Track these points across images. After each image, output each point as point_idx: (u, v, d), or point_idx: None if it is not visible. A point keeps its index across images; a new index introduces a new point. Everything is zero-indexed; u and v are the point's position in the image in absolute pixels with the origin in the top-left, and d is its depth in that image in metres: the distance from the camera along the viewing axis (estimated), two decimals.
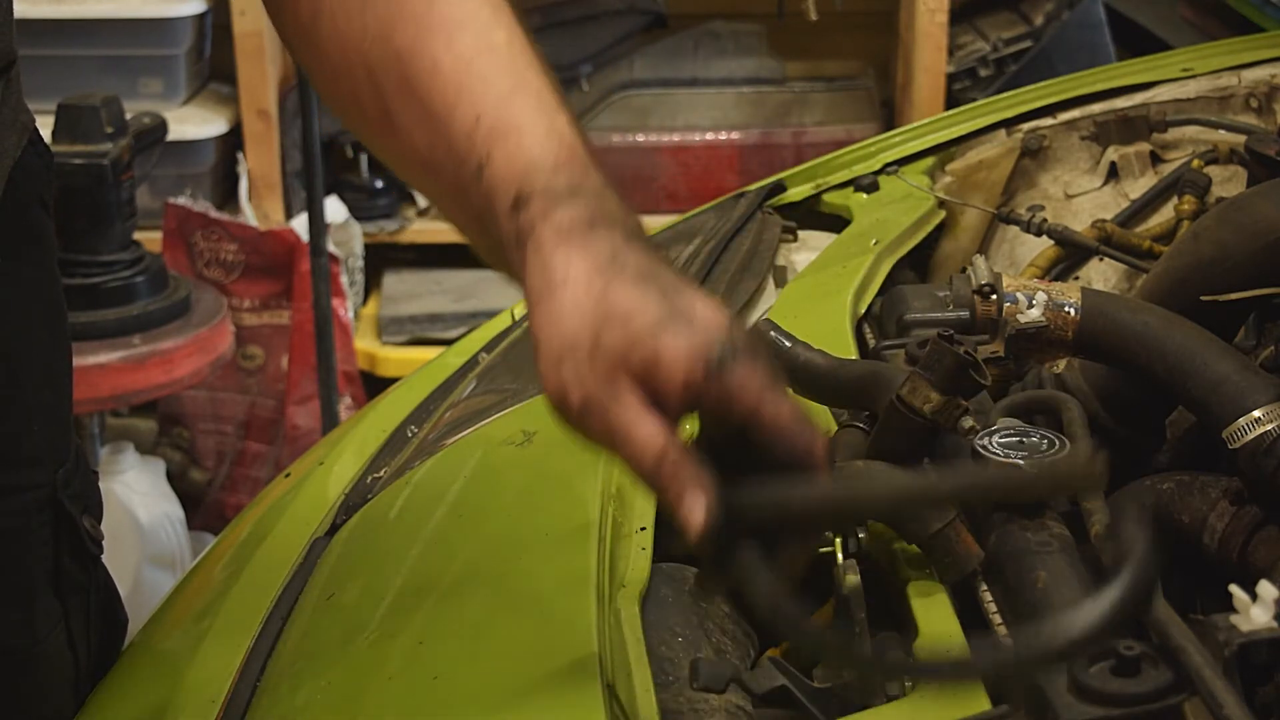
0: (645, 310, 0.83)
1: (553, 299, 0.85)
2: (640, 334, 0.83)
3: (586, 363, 0.83)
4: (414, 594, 1.13)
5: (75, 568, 1.27)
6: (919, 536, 0.99)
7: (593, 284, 0.84)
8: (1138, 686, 0.78)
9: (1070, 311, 1.15)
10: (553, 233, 0.87)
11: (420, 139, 0.98)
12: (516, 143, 0.92)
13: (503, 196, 0.90)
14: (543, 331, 0.85)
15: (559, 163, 0.91)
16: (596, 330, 0.83)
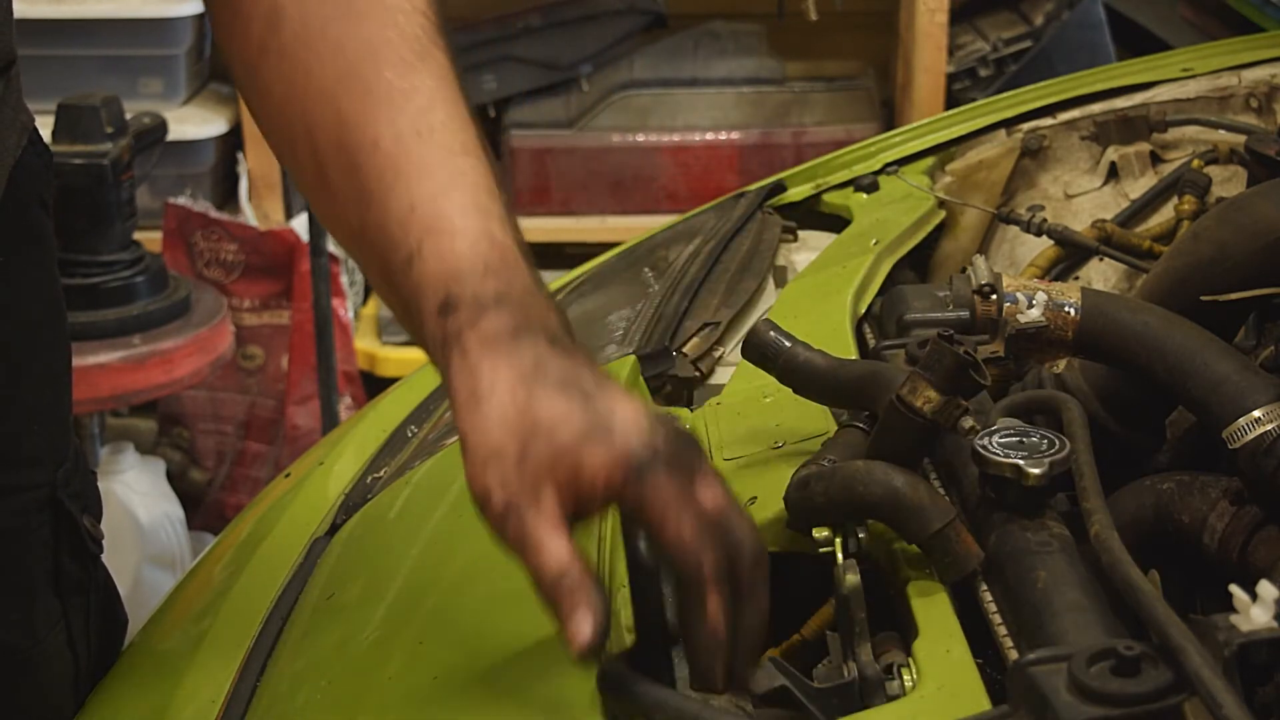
0: (569, 421, 0.87)
1: (478, 408, 0.89)
2: (564, 445, 0.87)
3: (513, 470, 0.87)
4: (414, 594, 1.13)
5: (75, 567, 1.27)
6: (919, 536, 0.99)
7: (517, 394, 0.88)
8: (1138, 686, 0.78)
9: (1070, 311, 1.15)
10: (478, 342, 0.90)
11: (352, 213, 0.98)
12: (449, 243, 0.93)
13: (430, 296, 0.92)
14: (470, 437, 0.89)
15: (489, 267, 0.93)
16: (523, 441, 0.87)
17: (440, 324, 0.92)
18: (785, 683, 0.94)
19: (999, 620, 0.96)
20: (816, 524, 1.03)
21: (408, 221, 0.94)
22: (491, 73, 3.41)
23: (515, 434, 0.88)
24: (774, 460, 1.19)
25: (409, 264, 0.93)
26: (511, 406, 0.88)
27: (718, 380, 1.42)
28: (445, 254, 0.93)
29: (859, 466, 1.03)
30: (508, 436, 0.88)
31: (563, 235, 3.43)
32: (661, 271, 1.69)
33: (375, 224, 0.96)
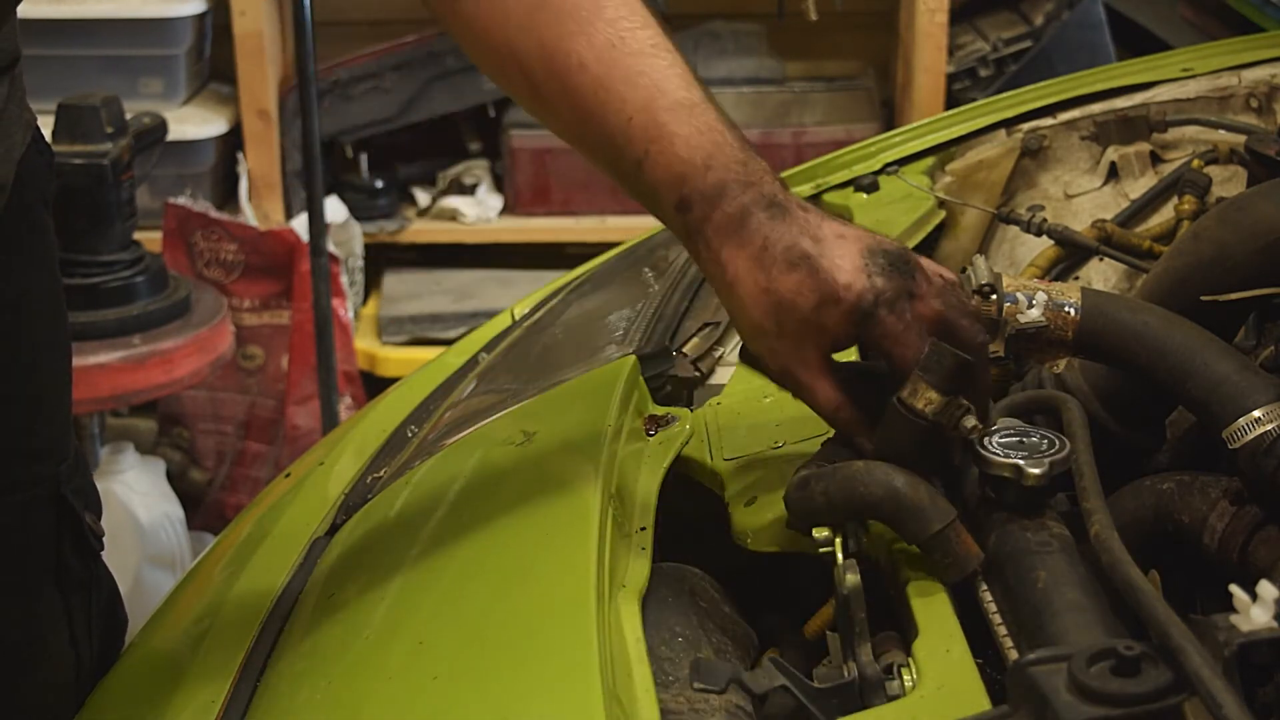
0: (802, 293, 1.04)
1: (733, 293, 1.07)
2: (806, 314, 1.04)
3: (776, 341, 1.06)
4: (414, 594, 1.13)
5: (77, 564, 1.27)
6: (919, 537, 0.99)
7: (758, 278, 1.05)
8: (1138, 686, 0.78)
9: (1070, 311, 1.15)
10: (715, 233, 1.07)
11: (571, 123, 1.11)
12: (669, 148, 1.07)
13: (666, 196, 1.08)
14: (735, 317, 1.09)
15: (707, 161, 1.07)
16: (776, 316, 1.05)
17: (681, 220, 1.08)
18: (785, 683, 0.94)
19: (999, 620, 0.96)
20: (816, 524, 1.03)
21: (628, 131, 1.07)
22: None
23: (767, 312, 1.05)
24: (774, 460, 1.20)
25: (639, 167, 1.08)
26: (756, 288, 1.05)
27: (718, 380, 1.42)
28: (669, 159, 1.07)
29: (859, 466, 1.03)
30: (762, 315, 1.05)
31: (563, 235, 3.44)
32: (661, 271, 1.69)
33: (597, 136, 1.09)
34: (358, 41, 3.44)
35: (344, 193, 3.41)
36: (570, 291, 1.81)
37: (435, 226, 3.48)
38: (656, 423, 1.30)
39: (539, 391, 1.42)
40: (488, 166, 3.54)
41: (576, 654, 0.96)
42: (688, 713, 0.96)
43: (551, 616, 1.02)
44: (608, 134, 1.08)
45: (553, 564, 1.09)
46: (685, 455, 1.25)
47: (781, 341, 1.06)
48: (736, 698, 0.97)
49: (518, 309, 1.82)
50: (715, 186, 1.07)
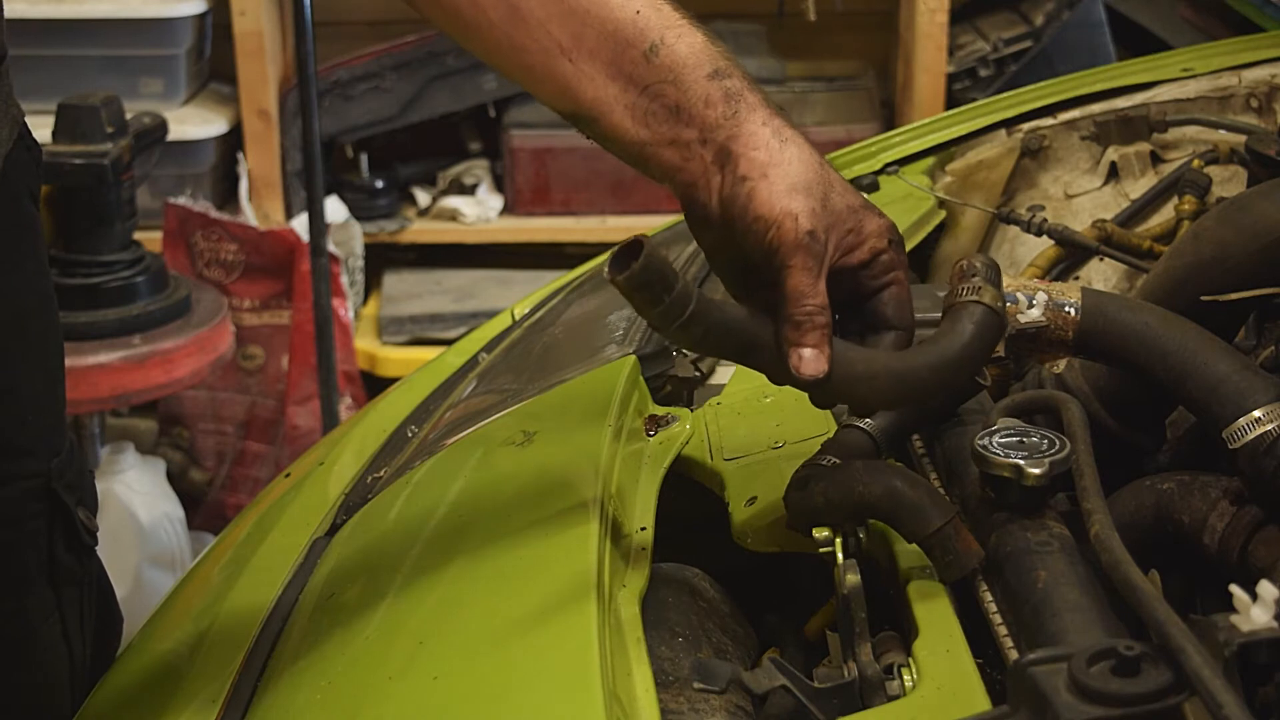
0: (854, 194, 1.05)
1: (784, 149, 1.03)
2: (854, 206, 1.05)
3: (820, 207, 1.02)
4: (414, 594, 1.13)
5: (70, 558, 1.27)
6: (919, 535, 0.99)
7: (813, 154, 1.04)
8: (1138, 686, 0.78)
9: (1070, 311, 1.15)
10: (760, 101, 1.05)
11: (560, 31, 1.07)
12: (688, 35, 1.05)
13: (694, 69, 1.04)
14: (774, 169, 1.02)
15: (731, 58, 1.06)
16: (825, 190, 1.03)
17: (718, 84, 1.04)
18: (785, 683, 0.95)
19: (999, 620, 0.96)
20: (816, 524, 1.03)
21: (637, 22, 1.05)
22: (491, 73, 3.40)
23: (819, 180, 1.03)
24: (774, 460, 1.20)
25: (652, 53, 1.05)
26: (813, 160, 1.04)
27: (718, 380, 1.42)
28: (690, 41, 1.05)
29: (859, 466, 1.03)
30: (815, 180, 1.03)
31: (563, 235, 3.44)
32: None
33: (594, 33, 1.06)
34: (358, 41, 3.44)
35: (344, 193, 3.41)
36: (570, 291, 1.81)
37: (435, 226, 3.48)
38: (656, 423, 1.30)
39: (539, 391, 1.42)
40: (488, 166, 3.54)
41: (576, 654, 0.96)
42: (688, 713, 0.96)
43: (551, 616, 1.02)
44: (610, 30, 1.05)
45: (553, 564, 1.09)
46: (685, 455, 1.25)
47: (824, 210, 1.02)
48: (736, 698, 0.97)
49: (518, 309, 1.82)
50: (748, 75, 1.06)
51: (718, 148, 1.03)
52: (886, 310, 1.06)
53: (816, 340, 1.00)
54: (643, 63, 1.05)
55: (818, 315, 1.00)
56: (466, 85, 3.42)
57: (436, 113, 3.45)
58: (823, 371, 1.00)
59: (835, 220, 1.03)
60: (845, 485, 1.02)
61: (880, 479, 1.01)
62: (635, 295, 0.95)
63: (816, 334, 1.00)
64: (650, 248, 0.94)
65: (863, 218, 1.05)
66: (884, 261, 1.06)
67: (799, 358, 1.00)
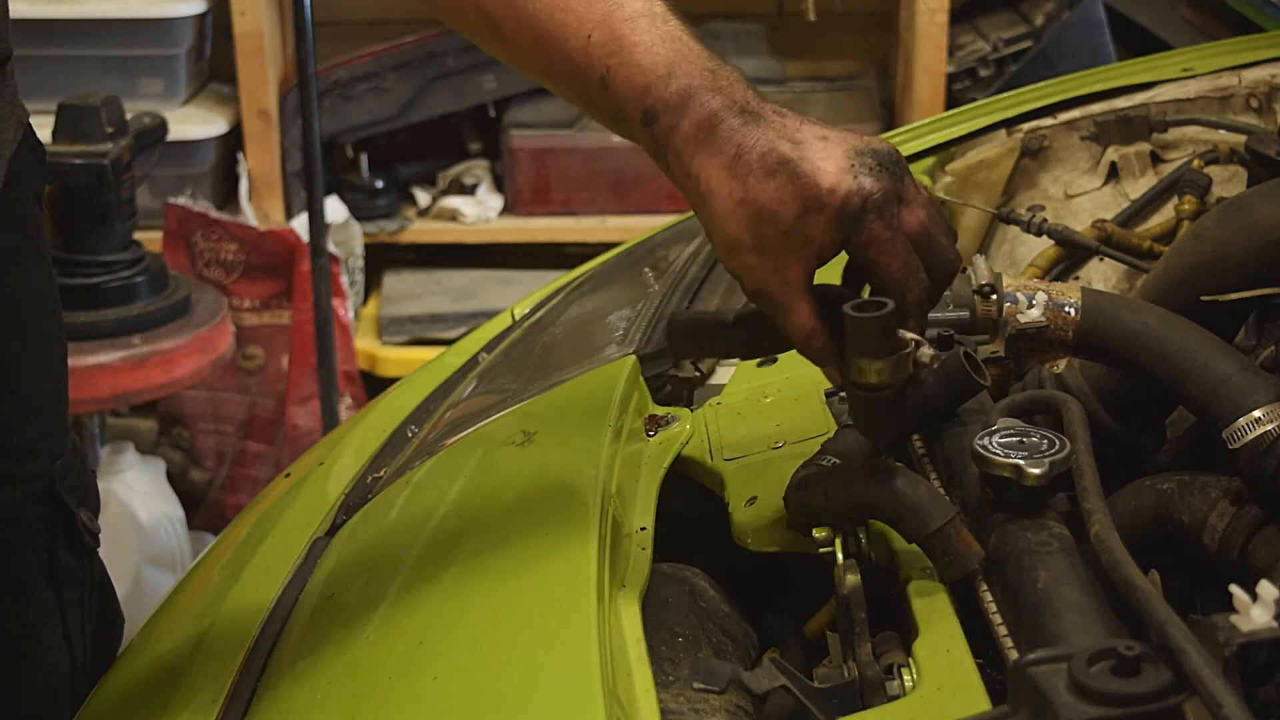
0: (784, 200, 0.98)
1: (707, 206, 1.00)
2: (789, 225, 0.98)
3: (754, 257, 0.99)
4: (414, 594, 1.13)
5: (71, 560, 1.27)
6: (919, 535, 0.99)
7: (733, 189, 0.99)
8: (1138, 686, 0.77)
9: (1070, 311, 1.15)
10: (683, 143, 1.01)
11: (534, 55, 1.07)
12: (630, 58, 1.03)
13: (631, 111, 1.03)
14: (710, 229, 1.02)
15: (670, 69, 1.03)
16: (754, 229, 0.99)
17: (648, 133, 1.03)
18: (785, 683, 0.95)
19: (999, 620, 0.96)
20: (816, 524, 1.03)
21: (588, 50, 1.03)
22: (491, 73, 3.41)
23: (745, 224, 0.99)
24: (774, 460, 1.20)
25: (603, 85, 1.03)
26: (731, 200, 0.99)
27: (718, 380, 1.42)
28: (630, 70, 1.02)
29: (859, 466, 1.03)
30: (740, 229, 0.99)
31: (563, 235, 3.44)
32: (662, 271, 1.69)
33: (560, 61, 1.05)
34: (358, 41, 3.44)
35: (344, 193, 3.41)
36: (570, 291, 1.81)
37: (435, 226, 3.48)
38: (656, 423, 1.30)
39: (539, 391, 1.42)
40: (488, 166, 3.54)
41: (576, 654, 0.96)
42: (688, 713, 0.96)
43: (551, 616, 1.02)
44: (569, 57, 1.04)
45: (553, 564, 1.09)
46: (685, 455, 1.25)
47: (761, 257, 0.99)
48: (736, 698, 0.97)
49: (518, 309, 1.82)
50: (680, 94, 1.01)
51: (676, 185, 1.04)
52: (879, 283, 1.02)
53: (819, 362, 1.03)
54: (599, 92, 1.04)
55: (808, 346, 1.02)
56: (466, 85, 3.42)
57: (436, 113, 3.45)
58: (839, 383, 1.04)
59: (779, 253, 0.99)
60: (845, 485, 1.02)
61: (880, 479, 1.01)
62: None
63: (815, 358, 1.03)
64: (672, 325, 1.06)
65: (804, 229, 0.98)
66: (853, 247, 1.00)
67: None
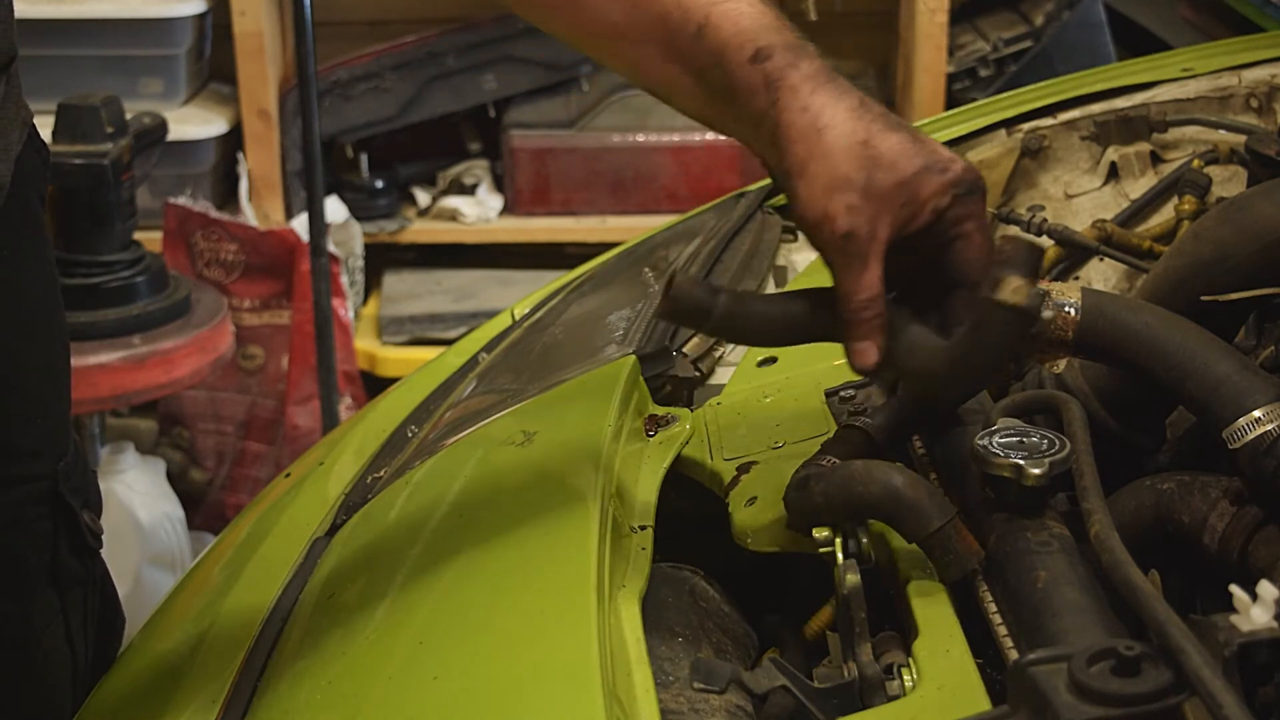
0: (907, 154, 1.00)
1: (821, 138, 0.99)
2: (906, 176, 0.99)
3: (859, 198, 0.99)
4: (414, 594, 1.13)
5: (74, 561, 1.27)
6: (919, 535, 0.99)
7: (855, 130, 0.99)
8: (1138, 686, 0.78)
9: (1070, 311, 1.15)
10: (802, 79, 1.01)
11: (616, 13, 1.07)
12: (733, 8, 1.03)
13: (736, 51, 1.02)
14: (812, 165, 1.00)
15: (777, 24, 1.03)
16: (868, 171, 0.99)
17: (758, 70, 1.01)
18: (785, 683, 0.95)
19: (999, 620, 0.96)
20: (816, 524, 1.03)
21: (683, 3, 1.04)
22: (491, 73, 3.41)
23: (861, 165, 0.99)
24: (774, 460, 1.20)
25: (699, 34, 1.03)
26: (853, 139, 0.99)
27: (718, 380, 1.42)
28: (737, 17, 1.03)
29: (859, 466, 1.03)
30: (853, 167, 0.99)
31: (563, 235, 3.44)
32: (662, 271, 1.69)
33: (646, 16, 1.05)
34: (358, 41, 3.44)
35: (344, 193, 3.41)
36: (570, 291, 1.81)
37: (435, 226, 3.48)
38: (656, 423, 1.30)
39: (539, 391, 1.42)
40: (488, 166, 3.54)
41: (576, 654, 0.96)
42: (688, 713, 0.96)
43: (551, 616, 1.02)
44: (659, 13, 1.05)
45: (553, 564, 1.09)
46: (685, 455, 1.25)
47: (865, 201, 0.99)
48: (736, 698, 0.97)
49: (518, 309, 1.82)
50: (794, 42, 1.03)
51: (768, 135, 1.02)
52: (955, 267, 1.03)
53: (864, 334, 1.02)
54: (692, 46, 1.04)
55: (864, 311, 1.01)
56: (466, 85, 3.42)
57: (436, 113, 3.45)
58: (872, 364, 1.02)
59: (882, 204, 1.00)
60: (845, 485, 1.02)
61: (880, 479, 1.01)
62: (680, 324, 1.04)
63: (863, 328, 1.02)
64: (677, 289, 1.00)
65: (917, 185, 1.00)
66: (950, 217, 1.02)
67: (850, 351, 1.03)
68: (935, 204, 1.01)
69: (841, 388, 1.26)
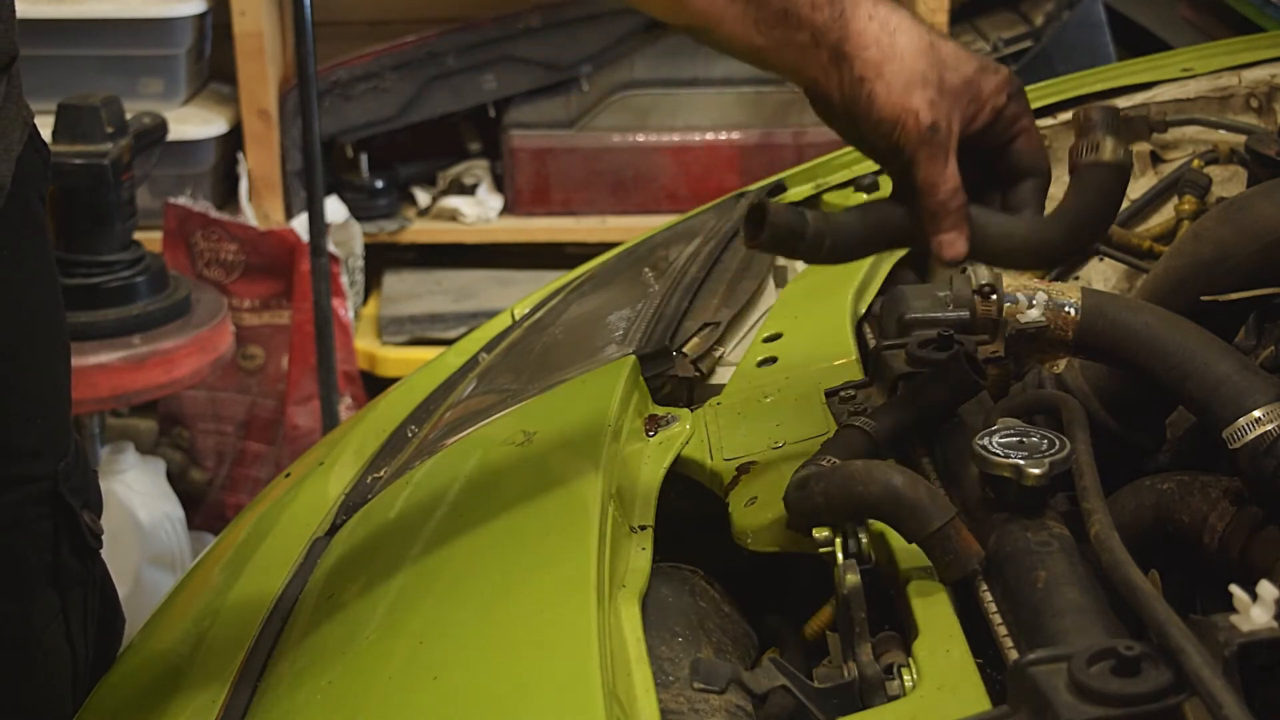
0: (965, 58, 1.07)
1: (894, 41, 1.05)
2: (969, 76, 1.06)
3: (937, 95, 1.05)
4: (414, 594, 1.13)
5: (74, 561, 1.27)
6: (919, 535, 0.99)
7: (921, 34, 1.06)
8: (1138, 686, 0.77)
9: (1070, 311, 1.15)
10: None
11: None
12: None
13: None
14: (888, 66, 1.05)
15: None
16: (939, 71, 1.05)
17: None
18: (785, 683, 0.94)
19: (999, 620, 0.96)
20: (816, 524, 1.03)
21: None
22: (491, 73, 3.41)
23: (932, 64, 1.05)
24: (774, 460, 1.20)
25: None
26: (922, 41, 1.05)
27: (718, 380, 1.42)
28: None
29: (859, 466, 1.03)
30: (928, 66, 1.05)
31: (563, 235, 3.44)
32: (662, 271, 1.69)
33: None
34: (358, 41, 3.44)
35: (344, 193, 3.41)
36: (570, 291, 1.81)
37: (435, 226, 3.48)
38: (656, 423, 1.30)
39: (539, 391, 1.42)
40: (488, 166, 3.54)
41: (576, 654, 0.96)
42: (688, 713, 0.96)
43: (551, 616, 1.02)
44: None
45: (553, 564, 1.09)
46: (685, 455, 1.25)
47: (941, 95, 1.05)
48: (736, 698, 0.97)
49: (518, 309, 1.82)
50: None
51: (830, 49, 1.05)
52: (1021, 160, 1.10)
53: (953, 224, 1.06)
54: None
55: (950, 201, 1.05)
56: (466, 85, 3.42)
57: (436, 113, 3.45)
58: (963, 254, 1.07)
59: (954, 99, 1.05)
60: (845, 485, 1.02)
61: (880, 479, 1.01)
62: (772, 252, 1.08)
63: (951, 219, 1.06)
64: (773, 214, 1.03)
65: (979, 83, 1.06)
66: (1008, 116, 1.09)
67: (939, 245, 1.07)
68: (994, 103, 1.07)
69: (841, 388, 1.26)
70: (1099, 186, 1.11)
